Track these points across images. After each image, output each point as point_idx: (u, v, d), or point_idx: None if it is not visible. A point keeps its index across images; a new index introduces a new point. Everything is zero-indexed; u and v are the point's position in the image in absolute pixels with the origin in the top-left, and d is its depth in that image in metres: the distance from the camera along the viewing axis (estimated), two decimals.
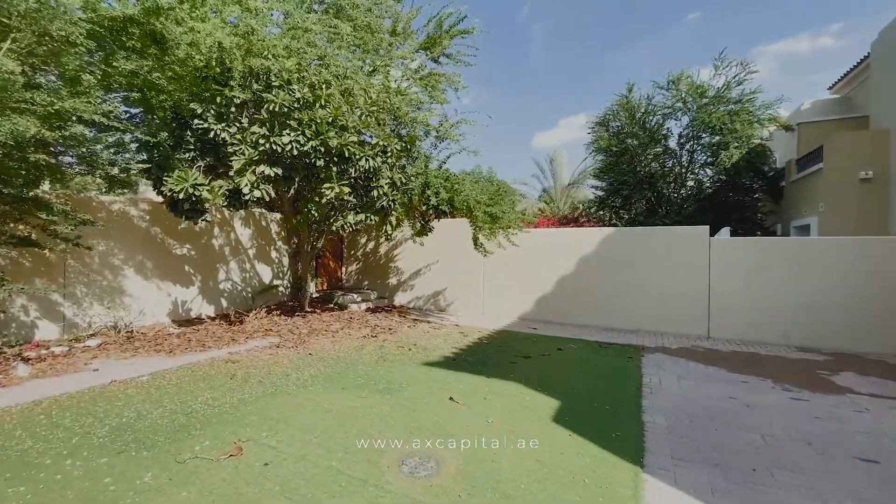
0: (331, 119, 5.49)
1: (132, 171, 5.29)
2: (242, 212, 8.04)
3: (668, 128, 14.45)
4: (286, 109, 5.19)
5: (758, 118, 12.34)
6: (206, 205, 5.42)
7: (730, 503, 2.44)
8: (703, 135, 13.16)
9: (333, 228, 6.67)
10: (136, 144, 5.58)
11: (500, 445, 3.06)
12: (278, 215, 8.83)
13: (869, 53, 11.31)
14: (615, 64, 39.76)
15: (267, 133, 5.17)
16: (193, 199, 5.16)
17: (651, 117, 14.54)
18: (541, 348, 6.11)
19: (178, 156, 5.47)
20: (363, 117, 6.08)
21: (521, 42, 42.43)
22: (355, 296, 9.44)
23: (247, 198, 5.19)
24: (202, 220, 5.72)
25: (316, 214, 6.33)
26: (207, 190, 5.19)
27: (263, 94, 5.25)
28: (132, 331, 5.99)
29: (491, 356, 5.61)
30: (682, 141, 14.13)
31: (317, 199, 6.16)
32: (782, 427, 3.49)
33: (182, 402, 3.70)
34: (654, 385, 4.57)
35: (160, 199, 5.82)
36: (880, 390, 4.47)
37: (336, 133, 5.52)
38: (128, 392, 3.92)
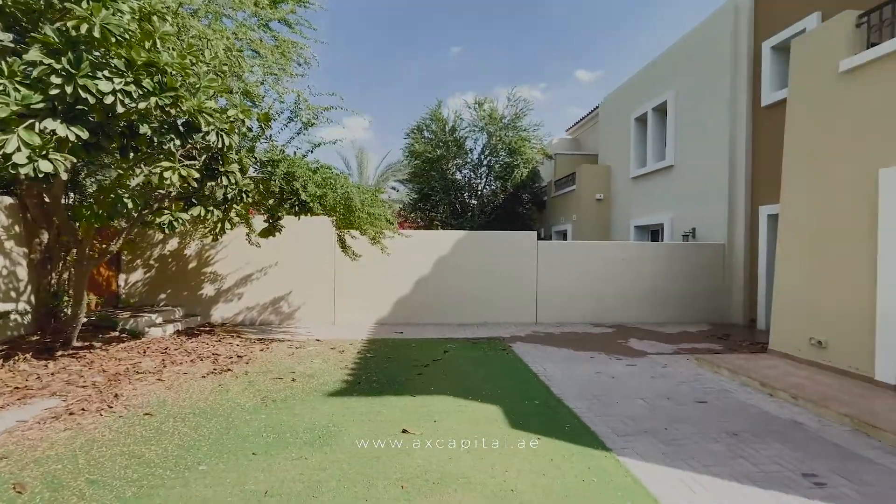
0: (179, 68, 3.82)
1: None
2: None
3: (473, 141, 16.68)
4: (107, 36, 3.27)
5: (538, 146, 15.76)
6: None
7: (680, 460, 3.09)
8: (501, 153, 15.79)
9: (158, 226, 4.68)
10: None
11: (504, 468, 2.91)
12: (7, 200, 5.52)
13: (593, 110, 16.17)
14: (398, 74, 42.91)
15: (67, 69, 3.12)
16: None
17: (458, 132, 16.45)
18: (426, 354, 6.06)
19: None
20: (210, 75, 4.50)
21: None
22: (153, 316, 6.92)
23: (24, 172, 2.98)
24: None
25: (131, 206, 4.30)
26: None
27: (66, 3, 3.15)
28: None
29: (390, 371, 5.18)
30: (482, 156, 16.57)
31: (136, 183, 4.19)
32: (645, 390, 4.65)
33: None
34: (542, 373, 5.26)
35: None
36: (658, 349, 6.54)
37: (190, 92, 3.89)
38: None
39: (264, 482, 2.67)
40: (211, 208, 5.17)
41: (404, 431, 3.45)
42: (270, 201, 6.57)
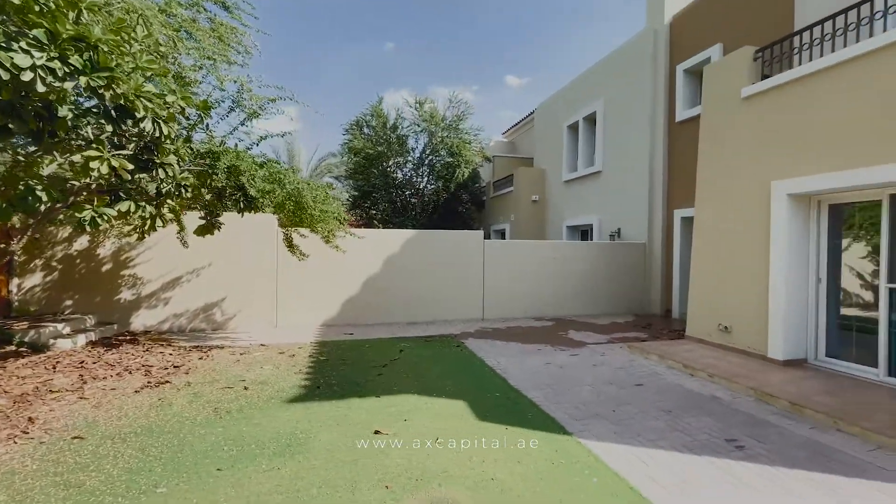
0: (113, 45, 3.38)
1: None
2: None
3: (415, 140, 16.70)
4: (29, 4, 2.79)
5: (478, 148, 16.20)
6: None
7: (630, 437, 3.47)
8: (442, 152, 15.99)
9: (78, 222, 4.09)
10: None
11: (481, 458, 3.03)
12: None
13: (528, 115, 17.05)
14: (329, 66, 41.47)
15: None
16: None
17: (400, 130, 16.38)
18: (381, 354, 6.02)
19: None
20: (146, 56, 4.05)
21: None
22: (59, 326, 6.03)
23: None
24: None
25: (45, 199, 3.72)
26: None
27: None
28: None
29: (348, 373, 5.08)
30: (423, 156, 16.65)
31: (49, 172, 3.64)
32: (590, 377, 5.09)
33: None
34: (497, 366, 5.51)
35: None
36: (595, 339, 7.15)
37: (127, 71, 3.47)
38: None
39: (237, 498, 2.52)
40: (143, 203, 4.64)
41: (377, 432, 3.44)
42: (208, 196, 6.06)
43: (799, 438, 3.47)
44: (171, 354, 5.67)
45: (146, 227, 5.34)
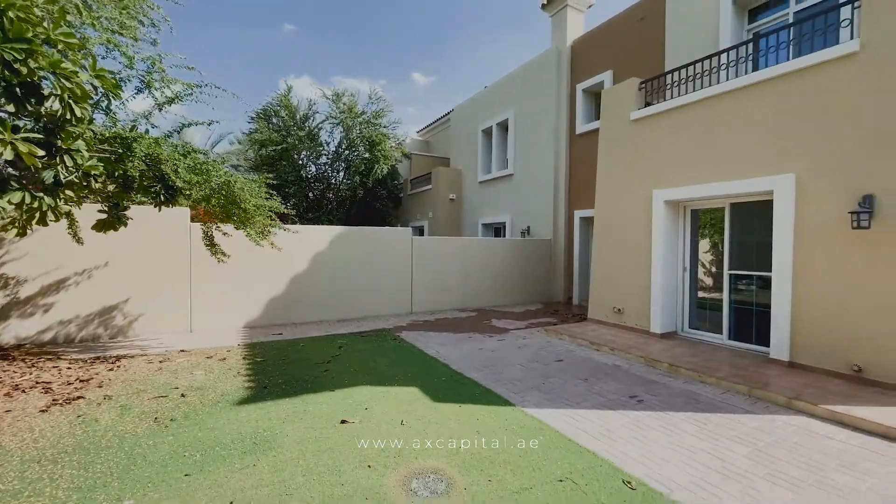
0: (23, 11, 2.93)
1: None
2: None
3: (329, 134, 16.18)
4: None
5: (395, 144, 16.29)
6: None
7: (560, 402, 4.16)
8: (360, 148, 15.78)
9: None
10: None
11: (447, 433, 3.40)
12: None
13: (443, 116, 17.75)
14: (222, 43, 37.60)
15: None
16: None
17: (311, 121, 15.74)
18: (320, 351, 6.01)
19: None
20: (63, 27, 3.54)
21: None
22: None
23: None
24: None
25: None
26: None
27: None
28: None
29: (293, 372, 5.02)
30: (340, 150, 16.24)
31: None
32: (519, 358, 5.80)
33: None
34: (437, 354, 5.93)
35: None
36: (515, 325, 7.99)
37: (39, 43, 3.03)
38: None
39: (220, 498, 2.53)
40: (40, 194, 4.01)
41: (343, 422, 3.59)
42: (111, 187, 5.36)
43: (677, 390, 4.53)
44: (68, 368, 4.93)
45: (34, 221, 4.59)
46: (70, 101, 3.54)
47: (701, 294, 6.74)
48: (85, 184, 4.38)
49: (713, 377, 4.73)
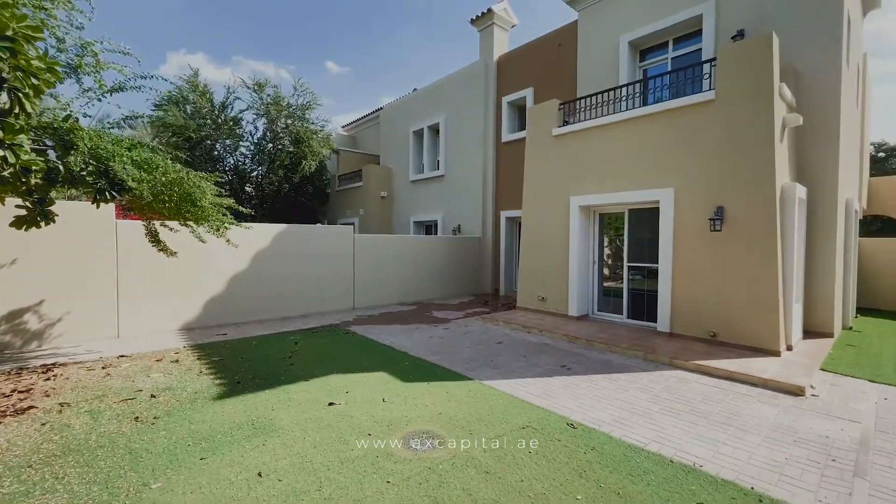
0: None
1: None
2: None
3: (251, 124, 15.37)
4: None
5: (322, 136, 16.00)
6: None
7: (507, 374, 5.03)
8: (285, 140, 15.26)
9: None
10: None
11: (424, 404, 4.01)
12: None
13: (371, 113, 17.93)
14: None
15: None
16: None
17: (230, 110, 14.83)
18: (276, 348, 6.15)
19: None
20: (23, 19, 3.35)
21: None
22: None
23: None
24: None
25: None
26: None
27: None
28: None
29: (258, 368, 5.17)
30: (263, 142, 15.51)
31: None
32: (466, 342, 6.59)
33: None
34: (392, 343, 6.45)
35: None
36: (455, 315, 8.81)
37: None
38: None
39: (247, 470, 2.85)
40: None
41: (331, 404, 4.00)
42: (35, 180, 4.90)
43: (594, 359, 5.70)
44: None
45: None
46: (20, 93, 3.40)
47: (606, 283, 8.23)
48: (23, 180, 4.09)
49: (619, 347, 6.02)
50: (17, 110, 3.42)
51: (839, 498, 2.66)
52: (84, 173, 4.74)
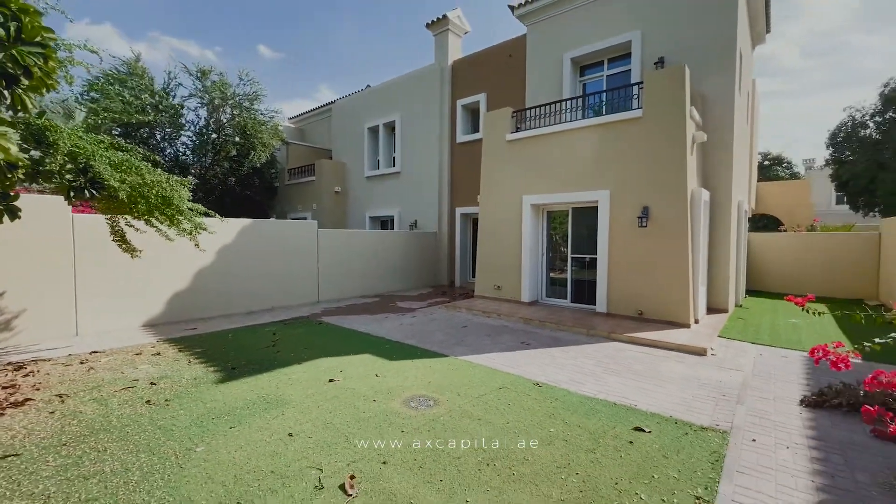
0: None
1: None
2: None
3: (192, 112, 14.65)
4: None
5: (274, 132, 15.65)
6: None
7: (478, 350, 5.80)
8: (230, 131, 14.74)
9: None
10: None
11: (414, 376, 4.63)
12: None
13: (322, 106, 17.81)
14: None
15: None
16: None
17: (171, 97, 14.06)
18: (255, 339, 6.39)
19: None
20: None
21: None
22: None
23: None
24: None
25: None
26: None
27: None
28: None
29: (245, 356, 5.44)
30: (207, 132, 14.85)
31: None
32: (436, 326, 7.27)
33: None
34: (368, 330, 6.95)
35: None
36: (419, 305, 9.44)
37: None
38: None
39: (278, 432, 3.30)
40: None
41: (331, 381, 4.48)
42: (19, 176, 4.75)
43: (547, 336, 6.68)
44: None
45: None
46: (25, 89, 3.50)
47: (553, 274, 9.34)
48: (9, 176, 4.07)
49: (566, 326, 7.06)
50: (18, 106, 3.50)
51: (727, 416, 3.74)
52: (63, 170, 4.71)
